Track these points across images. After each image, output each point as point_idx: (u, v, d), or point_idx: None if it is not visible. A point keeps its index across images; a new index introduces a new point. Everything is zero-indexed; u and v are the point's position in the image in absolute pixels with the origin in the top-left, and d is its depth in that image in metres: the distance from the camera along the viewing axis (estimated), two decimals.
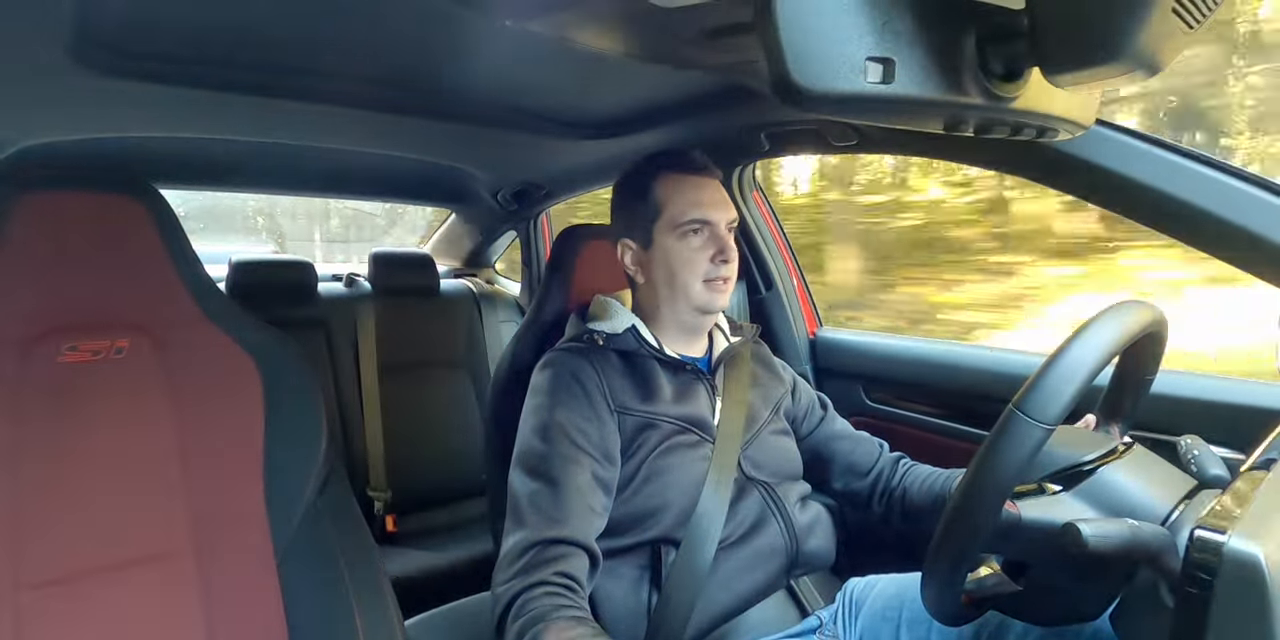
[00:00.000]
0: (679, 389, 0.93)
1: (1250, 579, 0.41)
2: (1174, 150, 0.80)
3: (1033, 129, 0.53)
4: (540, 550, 0.77)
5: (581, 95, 1.18)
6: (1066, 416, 0.54)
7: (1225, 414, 0.89)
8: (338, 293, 1.95)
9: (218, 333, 0.82)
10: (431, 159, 1.59)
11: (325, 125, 1.24)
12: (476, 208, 2.06)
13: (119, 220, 0.76)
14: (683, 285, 0.92)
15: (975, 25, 0.44)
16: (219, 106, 1.07)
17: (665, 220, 0.92)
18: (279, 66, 0.96)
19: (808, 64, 0.39)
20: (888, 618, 0.89)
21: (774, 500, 0.93)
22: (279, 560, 0.80)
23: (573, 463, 0.83)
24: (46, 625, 0.68)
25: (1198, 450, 0.64)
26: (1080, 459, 0.62)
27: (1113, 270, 1.87)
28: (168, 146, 1.34)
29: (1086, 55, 0.41)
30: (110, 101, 1.01)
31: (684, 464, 0.88)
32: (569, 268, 1.12)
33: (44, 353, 0.72)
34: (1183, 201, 0.78)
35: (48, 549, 0.70)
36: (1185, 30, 0.41)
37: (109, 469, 0.73)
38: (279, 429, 0.82)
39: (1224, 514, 0.45)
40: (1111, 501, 0.59)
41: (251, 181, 1.84)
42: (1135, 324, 0.58)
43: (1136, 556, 0.52)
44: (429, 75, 1.03)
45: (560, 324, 1.05)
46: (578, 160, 1.57)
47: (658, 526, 0.86)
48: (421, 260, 2.05)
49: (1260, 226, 0.74)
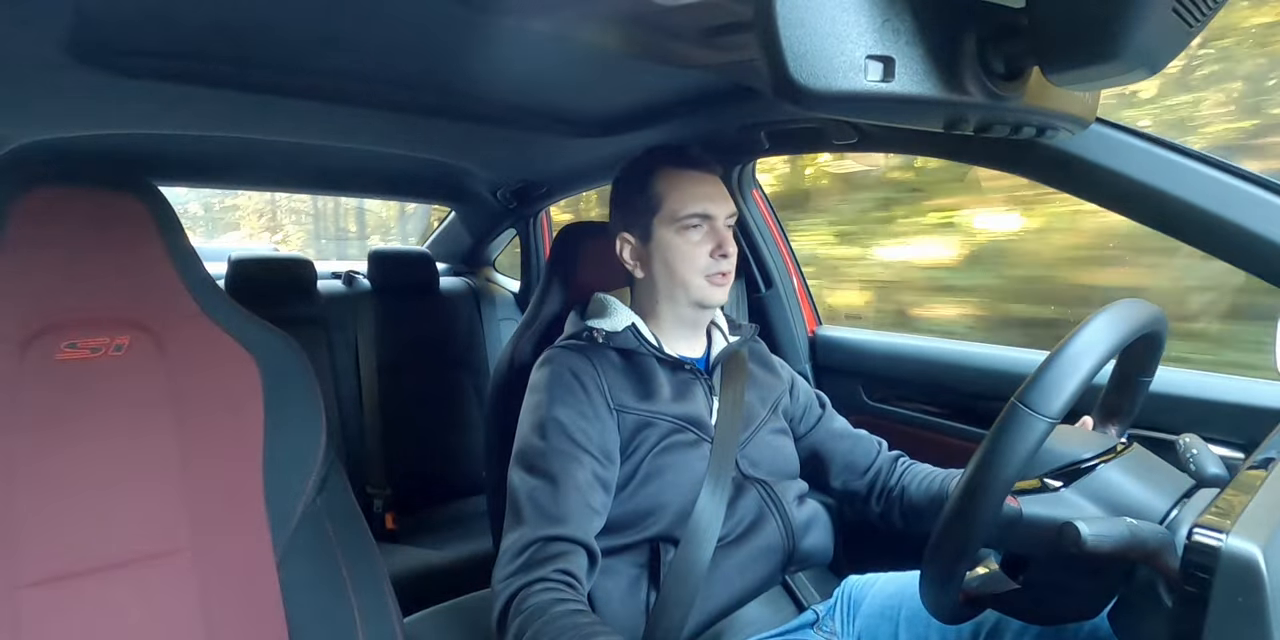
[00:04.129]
0: (677, 388, 0.93)
1: (1248, 578, 0.41)
2: (1174, 149, 0.80)
3: (1033, 128, 0.53)
4: (539, 547, 0.78)
5: (582, 93, 1.18)
6: (1068, 413, 0.54)
7: (1224, 413, 0.89)
8: (337, 290, 1.95)
9: (217, 330, 0.82)
10: (432, 157, 1.58)
11: (325, 123, 1.24)
12: (476, 205, 2.06)
13: (119, 217, 0.76)
14: (682, 279, 0.92)
15: (975, 24, 0.44)
16: (219, 104, 1.07)
17: (665, 214, 0.92)
18: (279, 64, 0.96)
19: (807, 62, 0.39)
20: (886, 616, 0.89)
21: (772, 498, 0.93)
22: (278, 558, 0.80)
23: (572, 460, 0.83)
24: (46, 625, 0.68)
25: (1196, 449, 0.64)
26: (1080, 456, 0.63)
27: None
28: (167, 144, 1.34)
29: (1087, 54, 0.41)
30: (110, 98, 1.00)
31: (682, 463, 0.89)
32: (569, 265, 1.12)
33: (43, 350, 0.72)
34: (1183, 200, 0.78)
35: (46, 548, 0.70)
36: (1185, 29, 0.41)
37: (108, 467, 0.73)
38: (278, 427, 0.82)
39: (1222, 513, 0.46)
40: (1111, 499, 0.59)
41: (251, 179, 1.84)
42: (1136, 321, 0.59)
43: (1134, 555, 0.52)
44: (430, 73, 1.03)
45: (560, 322, 1.05)
46: (578, 158, 1.56)
47: (656, 525, 0.86)
48: (421, 258, 2.05)
49: (1260, 226, 0.74)
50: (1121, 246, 1.53)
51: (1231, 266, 0.79)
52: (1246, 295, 1.29)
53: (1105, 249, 1.59)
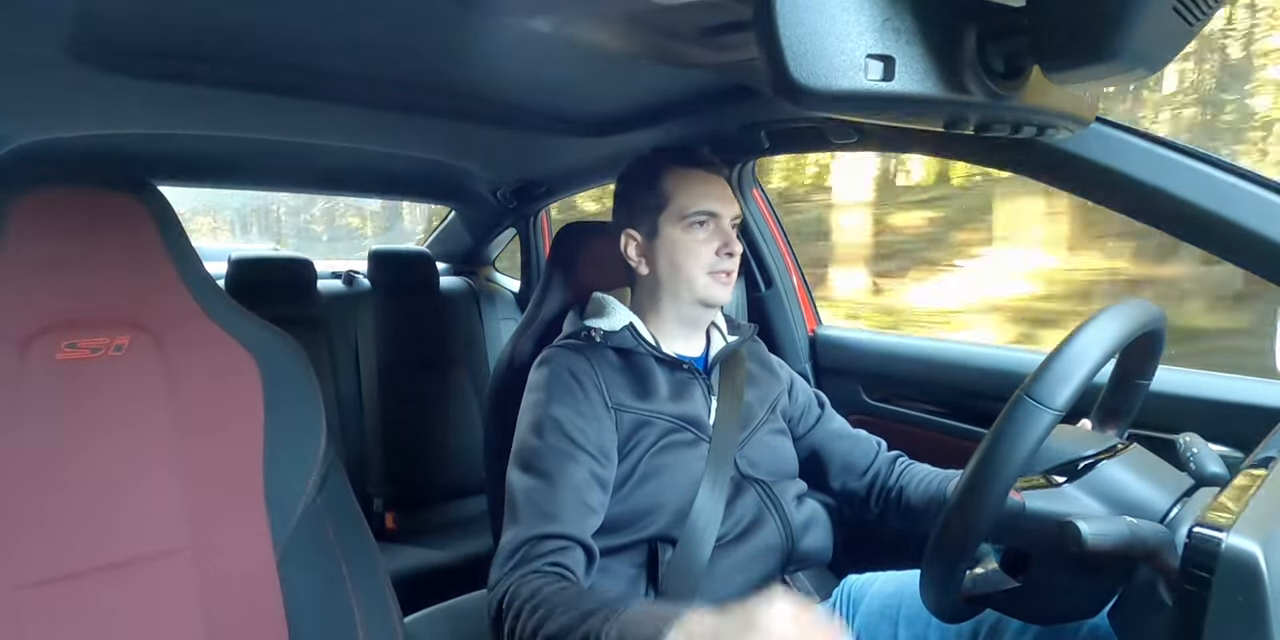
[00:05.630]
0: (675, 387, 0.93)
1: (1248, 577, 0.41)
2: (1174, 148, 0.80)
3: (1033, 127, 0.53)
4: (533, 545, 0.77)
5: (582, 93, 1.18)
6: (1072, 406, 0.54)
7: (1224, 412, 0.89)
8: (337, 290, 1.95)
9: (217, 330, 0.82)
10: (432, 156, 1.59)
11: (326, 122, 1.24)
12: (476, 205, 2.06)
13: (118, 217, 0.76)
14: (687, 277, 0.93)
15: (976, 23, 0.44)
16: (219, 103, 1.07)
17: (672, 211, 0.93)
18: (279, 64, 0.96)
19: (807, 62, 0.39)
20: (885, 615, 0.89)
21: (770, 498, 0.93)
22: (278, 557, 0.80)
23: (569, 459, 0.83)
24: (46, 624, 0.68)
25: (1196, 448, 0.64)
26: (1081, 453, 0.63)
27: None
28: (167, 143, 1.34)
29: (1087, 53, 0.41)
30: (109, 98, 1.00)
31: (680, 462, 0.89)
32: (568, 265, 1.12)
33: (43, 350, 0.72)
34: (1182, 199, 0.78)
35: (46, 548, 0.69)
36: (1185, 28, 0.41)
37: (107, 467, 0.73)
38: (278, 426, 0.82)
39: (1222, 512, 0.46)
40: (1113, 495, 0.60)
41: (251, 179, 1.84)
42: (1139, 320, 0.59)
43: (1135, 554, 0.52)
44: (430, 73, 1.03)
45: (559, 321, 1.05)
46: (577, 158, 1.57)
47: (654, 525, 0.86)
48: (421, 258, 2.05)
49: (1260, 225, 0.74)
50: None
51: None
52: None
53: None
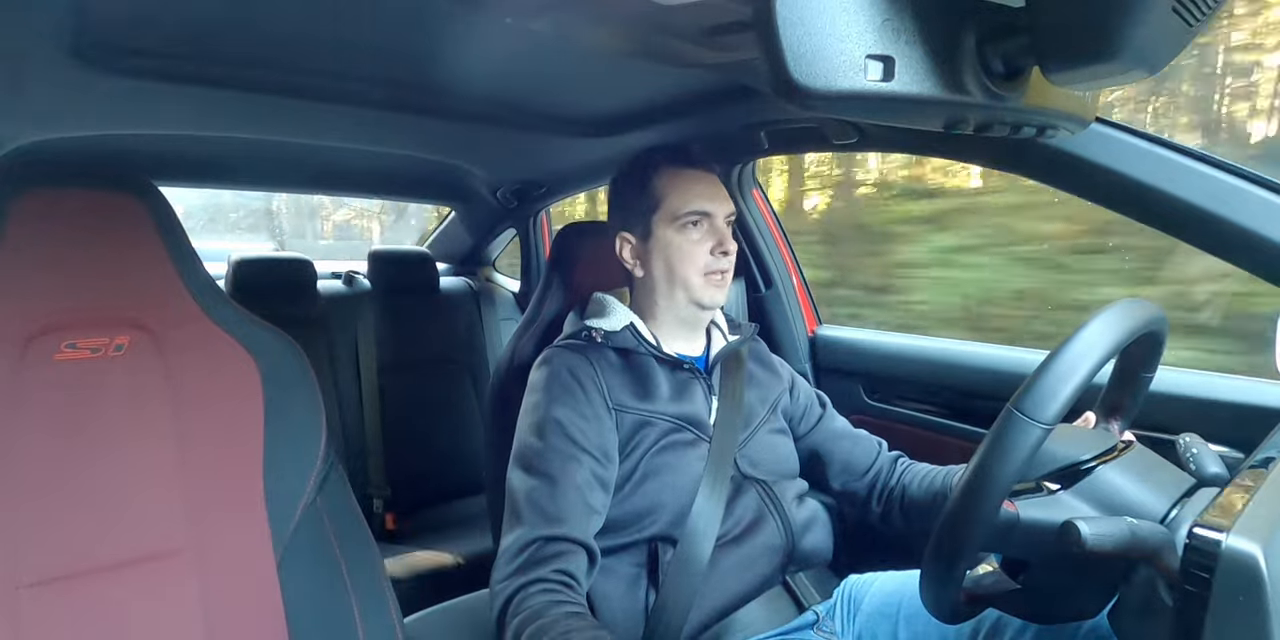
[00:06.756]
0: (675, 387, 0.93)
1: (1248, 577, 0.41)
2: (1174, 148, 0.80)
3: (1032, 127, 0.53)
4: (538, 547, 0.78)
5: (581, 93, 1.18)
6: (1066, 414, 0.54)
7: (1224, 412, 0.89)
8: (338, 291, 1.95)
9: (217, 331, 0.82)
10: (432, 157, 1.59)
11: (326, 123, 1.24)
12: (476, 205, 2.06)
13: (118, 218, 0.76)
14: (682, 278, 0.92)
15: (975, 23, 0.44)
16: (219, 104, 1.07)
17: (665, 212, 0.92)
18: (280, 64, 0.96)
19: (807, 62, 0.38)
20: (886, 614, 0.89)
21: (771, 498, 0.93)
22: (278, 558, 0.80)
23: (570, 460, 0.83)
24: (46, 625, 0.68)
25: (1196, 448, 0.64)
26: (1078, 458, 0.62)
27: None
28: (167, 144, 1.34)
29: (1086, 54, 0.41)
30: (110, 98, 1.00)
31: (680, 462, 0.89)
32: (568, 265, 1.12)
33: (43, 350, 0.72)
34: (1182, 200, 0.78)
35: (46, 548, 0.69)
36: (1185, 29, 0.41)
37: (107, 467, 0.73)
38: (278, 427, 0.82)
39: (1222, 512, 0.46)
40: (1110, 500, 0.59)
41: (252, 179, 1.84)
42: (1134, 323, 0.58)
43: (1135, 555, 0.52)
44: (430, 73, 1.03)
45: (559, 322, 1.05)
46: (577, 158, 1.56)
47: (655, 525, 0.86)
48: (421, 258, 2.05)
49: (1260, 225, 0.74)
50: None
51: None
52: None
53: None
